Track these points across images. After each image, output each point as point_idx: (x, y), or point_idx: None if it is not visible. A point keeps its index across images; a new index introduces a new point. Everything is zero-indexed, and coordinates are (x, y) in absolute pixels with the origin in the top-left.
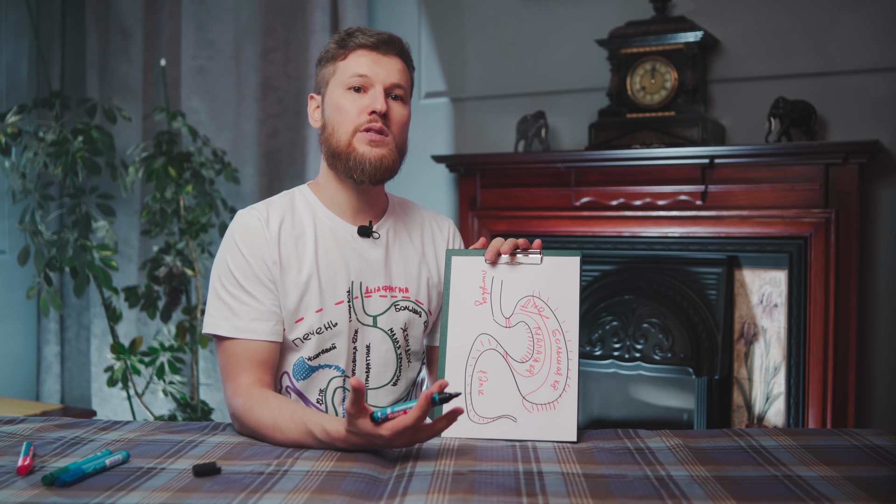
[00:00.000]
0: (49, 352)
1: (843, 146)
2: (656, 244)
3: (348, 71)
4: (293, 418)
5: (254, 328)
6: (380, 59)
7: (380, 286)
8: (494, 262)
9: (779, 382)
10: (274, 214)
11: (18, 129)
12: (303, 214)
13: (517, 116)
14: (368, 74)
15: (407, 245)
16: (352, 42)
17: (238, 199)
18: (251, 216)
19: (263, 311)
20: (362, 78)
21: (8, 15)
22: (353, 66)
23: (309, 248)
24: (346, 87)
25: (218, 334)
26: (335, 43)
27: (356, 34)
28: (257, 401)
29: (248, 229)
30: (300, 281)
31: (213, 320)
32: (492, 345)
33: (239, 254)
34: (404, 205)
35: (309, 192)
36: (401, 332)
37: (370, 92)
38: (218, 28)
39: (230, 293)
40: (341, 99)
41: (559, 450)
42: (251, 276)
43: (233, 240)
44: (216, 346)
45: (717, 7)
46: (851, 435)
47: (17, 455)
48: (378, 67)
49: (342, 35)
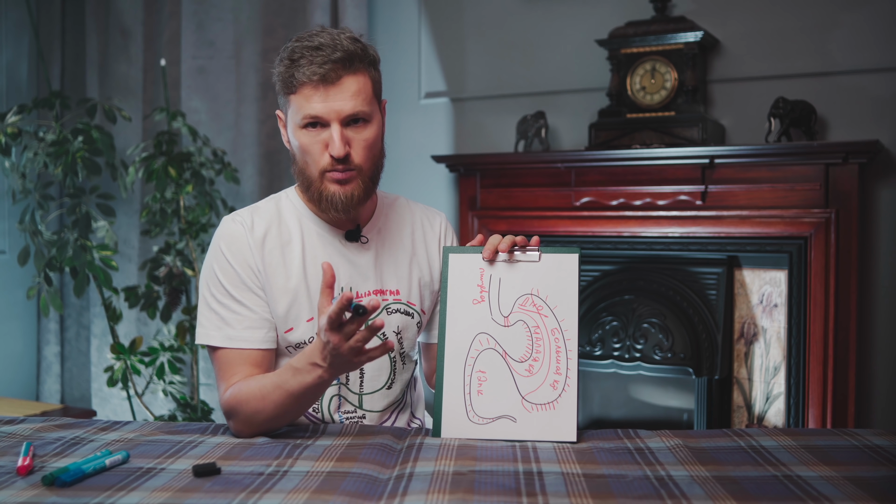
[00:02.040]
0: (49, 352)
1: (843, 146)
2: (656, 244)
3: (300, 110)
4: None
5: (246, 336)
6: (329, 92)
7: (370, 290)
8: (492, 259)
9: (779, 382)
10: (259, 221)
11: (18, 129)
12: (289, 221)
13: (517, 116)
14: (321, 115)
15: (397, 246)
16: (297, 75)
17: (238, 199)
18: (235, 223)
19: (255, 319)
20: (315, 118)
21: (8, 15)
22: (305, 106)
23: (296, 256)
24: (301, 126)
25: (210, 345)
26: (284, 70)
27: (300, 63)
28: (243, 384)
29: (232, 236)
30: (289, 288)
31: (204, 330)
32: (490, 344)
33: (225, 261)
34: (394, 203)
35: (296, 196)
36: (394, 335)
37: (327, 131)
38: (218, 28)
39: (220, 302)
40: (302, 137)
41: (559, 450)
42: (239, 284)
43: (218, 247)
44: (210, 355)
45: (717, 7)
46: (851, 435)
47: (17, 455)
48: (329, 103)
49: (287, 61)
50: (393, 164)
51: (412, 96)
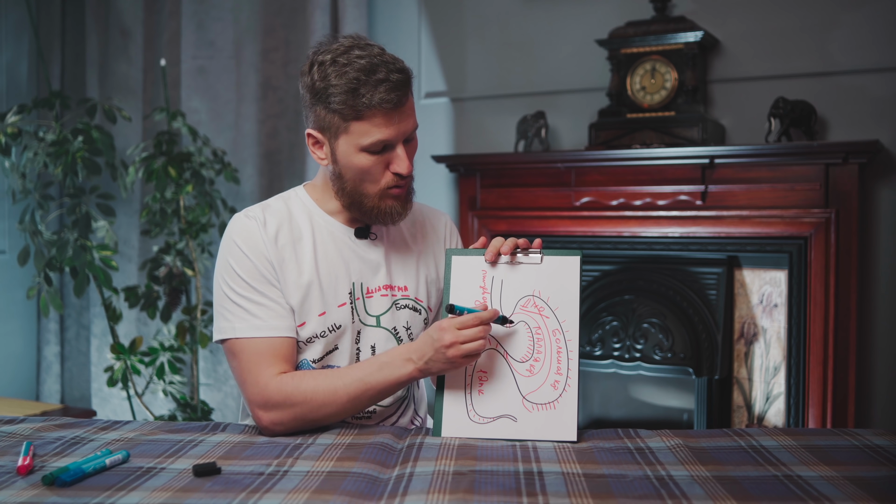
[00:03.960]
0: (49, 352)
1: (843, 146)
2: (656, 244)
3: (369, 136)
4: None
5: (274, 325)
6: (400, 115)
7: (380, 286)
8: (494, 262)
9: (779, 382)
10: (271, 218)
11: (18, 129)
12: (300, 218)
13: (517, 116)
14: (392, 139)
15: (404, 243)
16: (366, 100)
17: (238, 199)
18: (248, 218)
19: (279, 310)
20: (387, 142)
21: (8, 15)
22: (374, 132)
23: (307, 252)
24: (363, 149)
25: (236, 337)
26: (344, 95)
27: (367, 88)
28: (299, 377)
29: (247, 231)
30: (301, 284)
31: (228, 324)
32: (492, 344)
33: (242, 255)
34: None
35: (305, 194)
36: (404, 330)
37: (394, 152)
38: (218, 28)
39: (242, 295)
40: (361, 160)
41: (559, 450)
42: (258, 276)
43: (233, 242)
44: (230, 351)
45: (717, 7)
46: (851, 435)
47: (17, 455)
48: (400, 126)
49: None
50: None
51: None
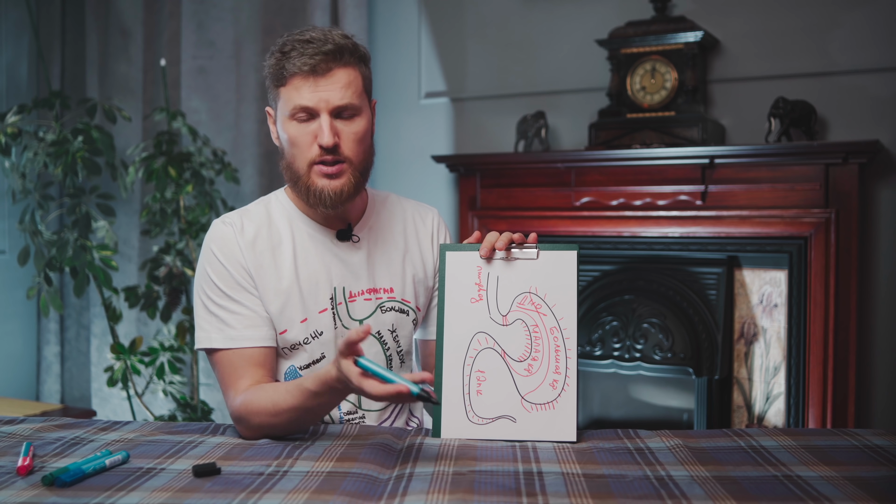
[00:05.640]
0: (49, 352)
1: (843, 146)
2: (656, 244)
3: (290, 101)
4: (288, 389)
5: (248, 335)
6: (319, 83)
7: (363, 289)
8: (489, 257)
9: (779, 382)
10: (249, 223)
11: (18, 129)
12: (279, 222)
13: (517, 116)
14: (310, 105)
15: (389, 243)
16: (288, 67)
17: (238, 199)
18: (224, 224)
19: (254, 318)
20: (305, 109)
21: (8, 15)
22: (294, 97)
23: (287, 257)
24: (290, 117)
25: (212, 347)
26: (275, 63)
27: (291, 55)
28: (254, 392)
29: (222, 238)
30: (281, 290)
31: (205, 334)
32: (489, 343)
33: (218, 263)
34: (385, 200)
35: (285, 197)
36: (389, 333)
37: (316, 122)
38: (218, 28)
39: (218, 304)
40: (290, 129)
41: (559, 450)
42: (234, 285)
43: (210, 250)
44: (211, 359)
45: (717, 7)
46: (851, 435)
47: (17, 455)
48: (319, 93)
49: (279, 53)
50: (393, 164)
51: (412, 96)
